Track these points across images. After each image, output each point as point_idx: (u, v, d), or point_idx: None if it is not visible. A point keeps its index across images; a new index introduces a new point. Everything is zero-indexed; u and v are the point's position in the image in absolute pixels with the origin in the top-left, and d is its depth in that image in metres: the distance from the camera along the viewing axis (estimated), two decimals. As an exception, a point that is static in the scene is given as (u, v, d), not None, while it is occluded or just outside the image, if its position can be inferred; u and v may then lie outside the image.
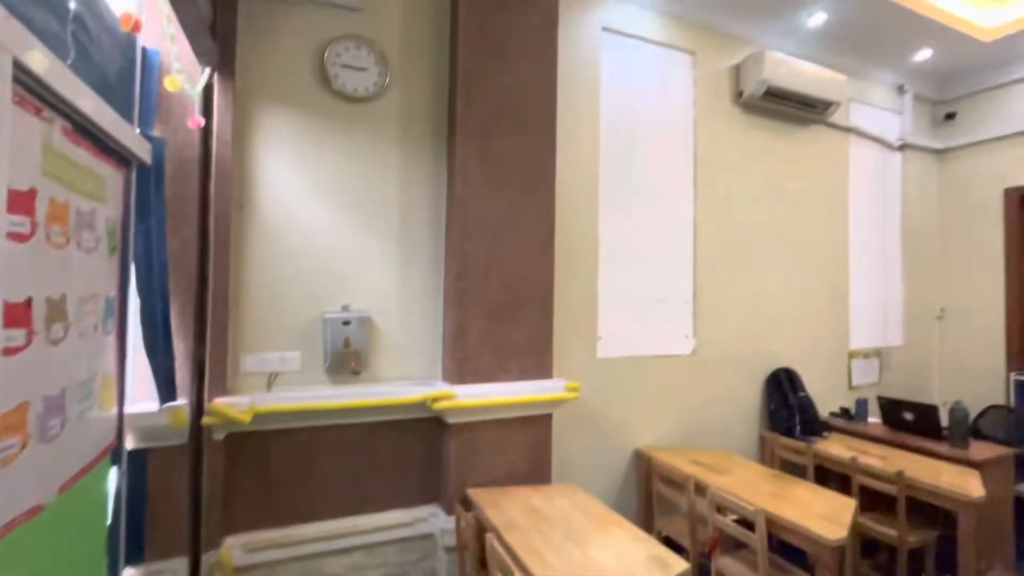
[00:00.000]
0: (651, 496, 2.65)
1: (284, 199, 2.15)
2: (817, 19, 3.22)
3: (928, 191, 4.25)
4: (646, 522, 2.75)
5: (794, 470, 3.09)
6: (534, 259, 2.40)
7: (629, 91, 2.92)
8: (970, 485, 2.30)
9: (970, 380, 4.01)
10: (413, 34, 2.40)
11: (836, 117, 3.63)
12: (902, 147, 4.05)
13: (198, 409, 1.88)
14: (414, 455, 2.31)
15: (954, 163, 4.20)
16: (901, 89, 4.03)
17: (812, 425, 3.06)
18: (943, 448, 2.77)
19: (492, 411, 2.25)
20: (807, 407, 3.11)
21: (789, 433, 3.06)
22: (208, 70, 1.85)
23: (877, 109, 3.93)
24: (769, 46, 3.32)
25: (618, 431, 2.82)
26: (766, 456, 3.16)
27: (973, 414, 3.56)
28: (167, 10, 1.36)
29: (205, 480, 1.88)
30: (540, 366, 2.40)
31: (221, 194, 1.94)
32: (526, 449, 2.37)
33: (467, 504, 2.14)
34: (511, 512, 1.93)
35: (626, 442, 2.84)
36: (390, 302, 2.31)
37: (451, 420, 2.19)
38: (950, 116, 4.18)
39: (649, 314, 2.93)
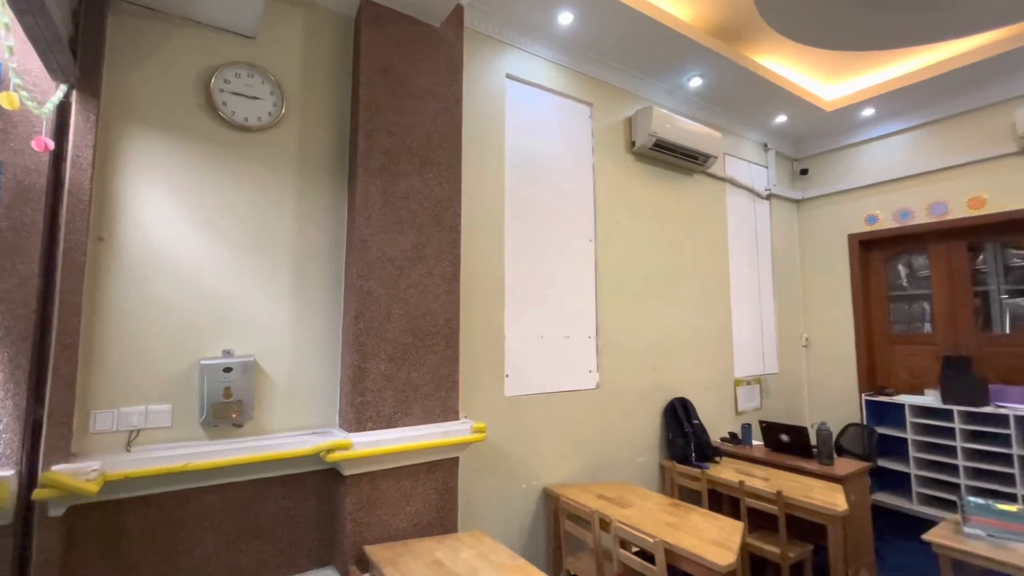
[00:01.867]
0: (559, 535, 2.64)
1: (156, 232, 1.93)
2: (695, 82, 3.62)
3: (791, 235, 4.86)
4: (555, 562, 2.72)
5: (691, 496, 3.25)
6: (439, 298, 2.36)
7: (533, 136, 3.05)
8: (836, 499, 2.55)
9: (832, 401, 4.54)
10: (313, 66, 2.33)
11: (714, 168, 4.06)
12: (769, 196, 4.61)
13: (30, 480, 1.57)
14: (307, 513, 2.10)
15: (809, 212, 4.86)
16: (766, 146, 4.63)
17: (705, 451, 3.26)
18: (813, 466, 3.07)
19: (394, 458, 2.13)
20: (700, 434, 3.32)
21: (686, 460, 3.23)
22: (64, 88, 1.64)
23: (747, 163, 4.46)
24: (656, 103, 3.67)
25: (526, 470, 2.79)
26: (667, 484, 3.30)
27: (835, 432, 4.02)
28: (5, 18, 1.19)
29: (34, 569, 1.55)
30: (446, 408, 2.33)
31: (74, 225, 1.69)
32: (431, 497, 2.26)
33: (364, 564, 1.98)
34: (412, 569, 1.81)
35: (535, 481, 2.82)
36: (281, 346, 2.14)
37: (348, 472, 2.03)
38: (804, 171, 4.86)
39: (555, 351, 2.99)
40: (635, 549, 2.22)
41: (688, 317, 3.76)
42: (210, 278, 2.01)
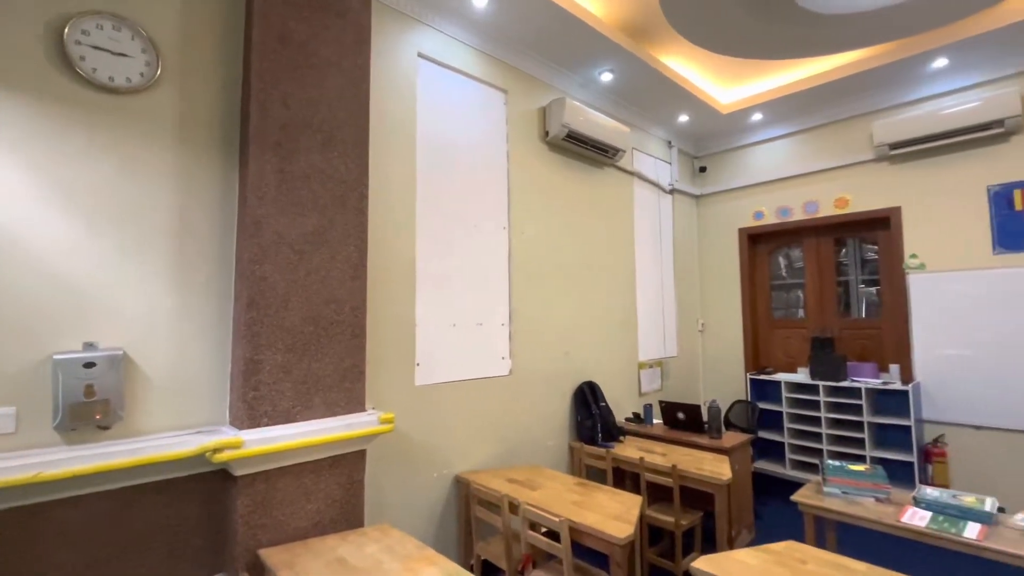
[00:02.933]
0: (471, 521, 2.65)
1: (-8, 206, 1.63)
2: (606, 77, 3.73)
3: (691, 228, 5.22)
4: (467, 548, 2.73)
5: (598, 474, 3.42)
6: (344, 284, 2.25)
7: (446, 119, 2.98)
8: (723, 469, 2.80)
9: (723, 380, 4.98)
10: (196, 25, 2.08)
11: (623, 162, 4.24)
12: (672, 191, 4.91)
13: None
14: (190, 521, 1.92)
15: (707, 207, 5.24)
16: (670, 144, 4.92)
17: (611, 431, 3.43)
18: (705, 440, 3.34)
19: (293, 455, 2.01)
20: (607, 416, 3.48)
21: (593, 441, 3.38)
22: None
23: (653, 158, 4.71)
24: (570, 94, 3.75)
25: (438, 459, 2.76)
26: (575, 465, 3.43)
27: (725, 408, 4.41)
28: None
29: None
30: (351, 399, 2.23)
31: None
32: (335, 493, 2.16)
33: (258, 569, 1.85)
34: (310, 569, 1.71)
35: (446, 469, 2.80)
36: (158, 337, 1.91)
37: (239, 472, 1.88)
38: (703, 169, 5.23)
39: (468, 338, 2.98)
40: (544, 530, 2.29)
41: (597, 304, 3.92)
42: (67, 262, 1.74)
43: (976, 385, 3.61)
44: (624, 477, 3.38)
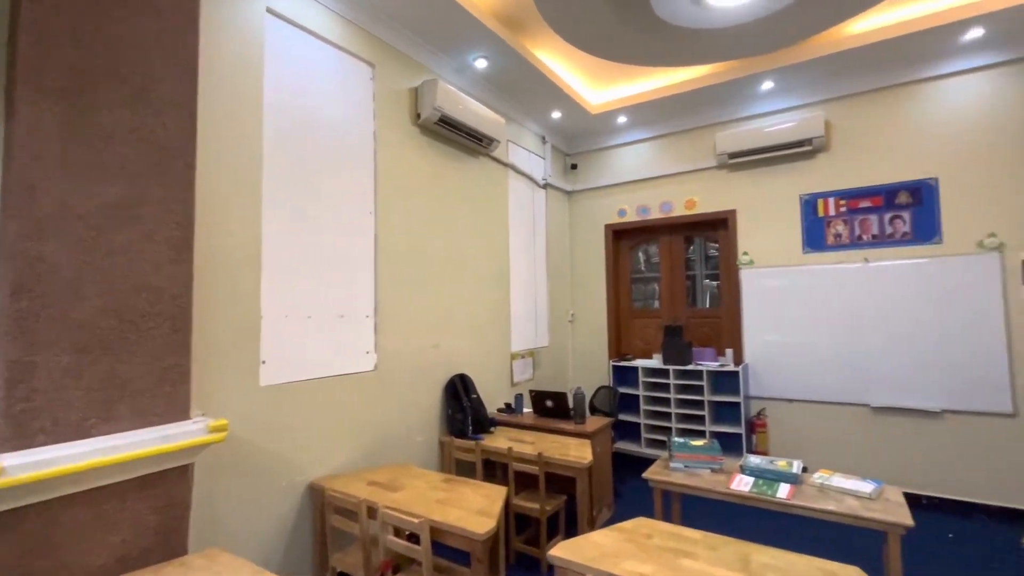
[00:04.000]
0: (325, 531, 2.42)
1: None
2: (481, 63, 3.67)
3: (563, 223, 5.42)
4: (321, 562, 2.50)
5: (468, 468, 3.37)
6: (162, 269, 1.88)
7: (303, 88, 2.66)
8: (584, 454, 2.92)
9: (590, 368, 5.27)
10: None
11: (499, 153, 4.23)
12: (545, 186, 5.04)
13: None
14: (-79, 577, 1.45)
15: (578, 203, 5.48)
16: (544, 139, 5.03)
17: (482, 423, 3.40)
18: (571, 426, 3.47)
19: (86, 478, 1.62)
20: (478, 407, 3.45)
21: (463, 434, 3.32)
22: None
23: (528, 152, 4.78)
24: (444, 78, 3.61)
25: (287, 466, 2.48)
26: (446, 459, 3.35)
27: (590, 395, 4.66)
28: None
29: None
30: (172, 405, 1.88)
31: None
32: (149, 519, 1.80)
33: (29, 627, 1.46)
34: (103, 618, 1.39)
35: (299, 477, 2.52)
36: None
37: (-1, 507, 1.46)
38: (574, 166, 5.46)
39: (326, 331, 2.71)
40: (408, 533, 2.16)
41: (470, 295, 3.86)
42: None
43: (789, 365, 4.24)
44: (495, 468, 3.38)
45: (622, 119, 4.87)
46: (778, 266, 4.33)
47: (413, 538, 2.10)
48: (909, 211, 3.87)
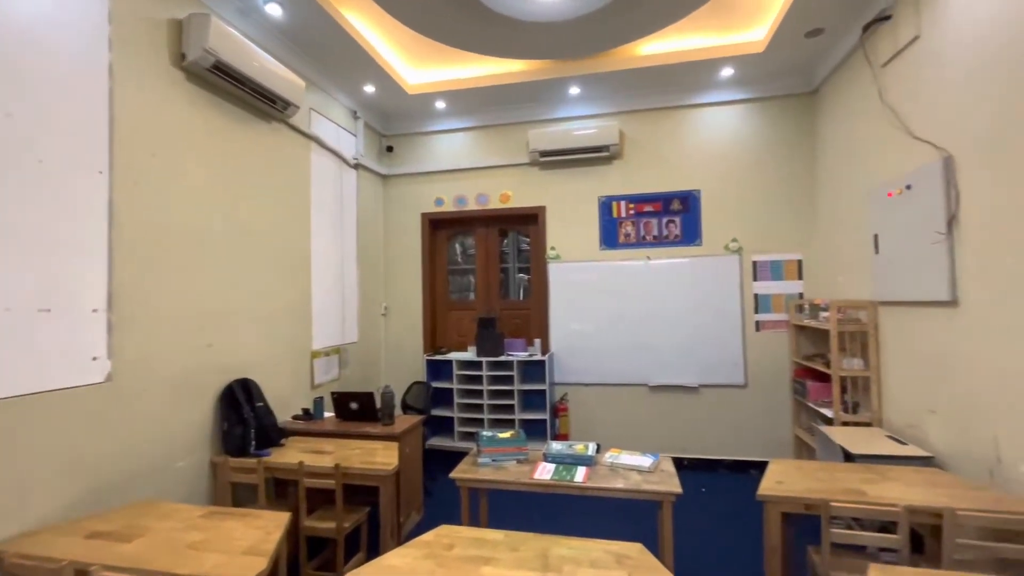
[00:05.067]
0: (9, 615, 1.71)
1: None
2: (273, 9, 3.09)
3: (376, 208, 5.03)
4: (3, 657, 1.77)
5: (249, 491, 2.84)
6: None
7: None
8: (390, 458, 2.67)
9: (404, 364, 5.01)
10: None
11: (299, 121, 3.67)
12: (357, 166, 4.59)
13: None
14: None
15: (393, 188, 5.15)
16: (355, 114, 4.57)
17: (269, 435, 2.89)
18: (378, 428, 3.18)
19: None
20: (264, 417, 2.92)
21: (243, 451, 2.77)
22: None
23: (336, 126, 4.27)
24: (221, 16, 2.94)
25: (-62, 532, 1.69)
26: (219, 486, 2.74)
27: (403, 392, 4.41)
28: None
29: None
30: None
31: None
32: None
33: None
34: None
35: (-39, 544, 1.74)
36: None
37: None
38: (390, 149, 5.10)
39: (19, 333, 1.93)
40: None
41: (260, 283, 3.26)
42: None
43: (587, 352, 4.62)
44: (286, 487, 2.90)
45: (440, 104, 4.69)
46: (580, 261, 4.67)
47: (149, 602, 1.59)
48: (680, 217, 4.52)
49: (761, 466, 4.23)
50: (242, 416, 2.84)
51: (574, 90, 4.41)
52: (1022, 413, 2.13)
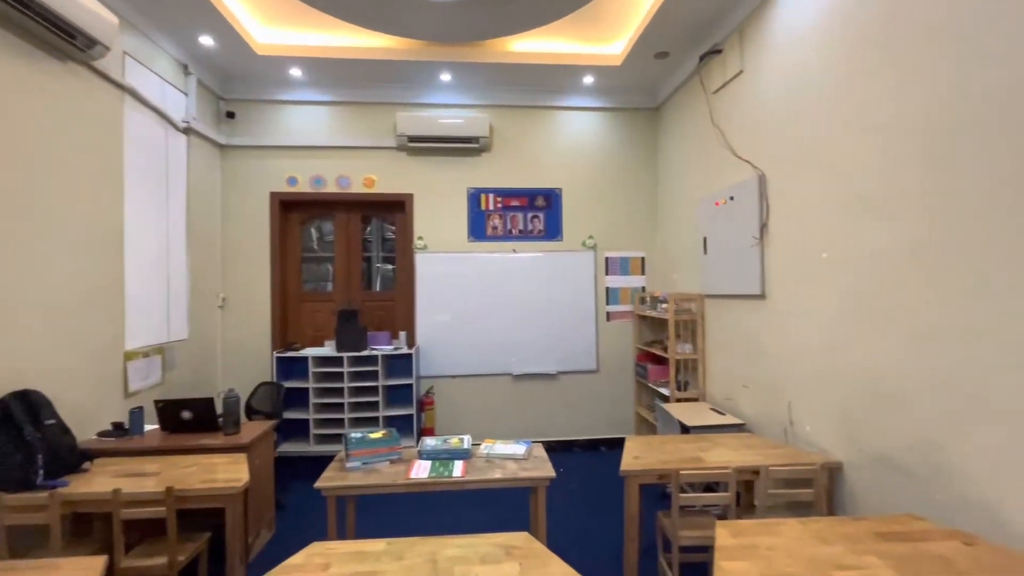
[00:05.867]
0: None
1: None
2: (71, -82, 2.42)
3: (213, 182, 4.32)
4: None
5: (41, 534, 2.23)
6: None
7: None
8: (238, 473, 2.32)
9: (247, 363, 4.42)
10: None
11: (107, 66, 2.95)
12: (187, 130, 3.87)
13: None
14: None
15: (235, 160, 4.47)
16: (187, 69, 3.85)
17: (65, 460, 2.29)
18: (219, 439, 2.75)
19: None
20: (56, 438, 2.30)
21: (27, 484, 2.15)
22: None
23: (161, 80, 3.54)
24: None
25: None
26: (-15, 530, 2.09)
27: (248, 394, 3.89)
28: None
29: None
30: None
31: None
32: None
33: None
34: None
35: None
36: None
37: None
38: (231, 115, 4.41)
39: None
40: None
41: (45, 269, 2.56)
42: None
43: (454, 344, 4.59)
44: (92, 523, 2.34)
45: (296, 71, 4.20)
46: (448, 252, 4.61)
47: None
48: (544, 213, 4.73)
49: (609, 443, 4.68)
50: (23, 439, 2.20)
51: (445, 76, 4.31)
52: (805, 385, 2.68)
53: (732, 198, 3.37)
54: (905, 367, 2.06)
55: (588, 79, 4.41)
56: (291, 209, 4.63)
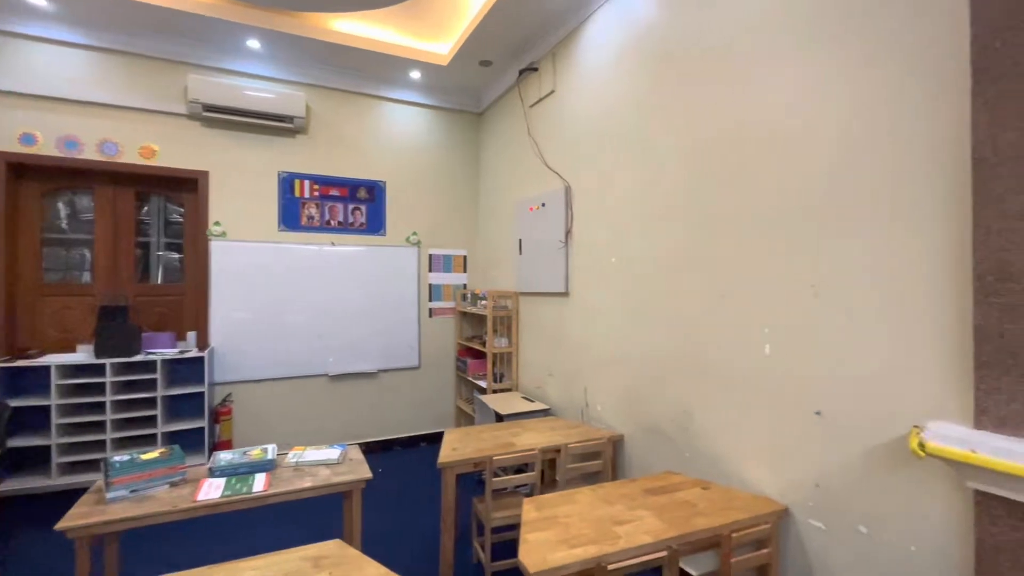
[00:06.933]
0: None
1: None
2: None
3: None
4: None
5: None
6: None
7: None
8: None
9: (-55, 376, 3.27)
10: None
11: None
12: None
13: None
14: None
15: (-74, 102, 3.27)
16: None
17: None
18: None
19: None
20: None
21: None
22: None
23: None
24: None
25: None
26: None
27: (-54, 419, 2.89)
28: None
29: None
30: None
31: None
32: None
33: None
34: None
35: None
36: None
37: None
38: (-79, 38, 3.21)
39: None
40: None
41: None
42: None
43: (257, 343, 4.10)
44: None
45: (43, 1, 3.25)
46: (253, 241, 4.10)
47: None
48: (366, 206, 4.54)
49: (430, 438, 4.73)
50: None
51: (253, 43, 3.82)
52: (597, 371, 3.10)
53: (544, 204, 3.70)
54: (667, 351, 2.53)
55: (415, 74, 4.38)
56: (26, 176, 3.58)
